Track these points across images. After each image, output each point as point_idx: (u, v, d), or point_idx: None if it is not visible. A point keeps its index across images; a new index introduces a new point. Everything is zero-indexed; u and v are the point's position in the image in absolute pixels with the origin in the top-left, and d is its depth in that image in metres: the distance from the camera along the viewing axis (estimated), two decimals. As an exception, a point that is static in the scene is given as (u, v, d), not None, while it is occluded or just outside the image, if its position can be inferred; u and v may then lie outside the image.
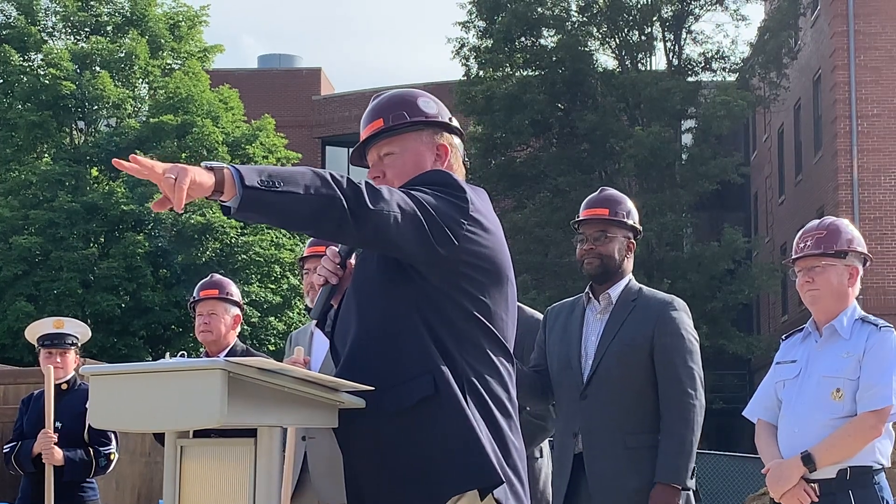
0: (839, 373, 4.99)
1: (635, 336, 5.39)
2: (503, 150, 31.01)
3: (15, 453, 7.54)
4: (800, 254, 5.16)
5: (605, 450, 5.33)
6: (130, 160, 3.15)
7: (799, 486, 4.92)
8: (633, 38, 30.88)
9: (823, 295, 5.11)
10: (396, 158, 3.64)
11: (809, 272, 5.13)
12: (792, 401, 5.09)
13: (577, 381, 5.44)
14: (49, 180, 27.49)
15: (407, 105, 3.67)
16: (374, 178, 3.62)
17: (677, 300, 5.54)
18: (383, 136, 3.65)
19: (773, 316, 37.19)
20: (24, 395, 8.42)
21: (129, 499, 13.91)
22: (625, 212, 5.56)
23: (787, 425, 5.08)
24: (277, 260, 27.64)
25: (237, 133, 28.93)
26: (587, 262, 5.52)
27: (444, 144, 3.69)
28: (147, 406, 3.33)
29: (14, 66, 28.55)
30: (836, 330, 5.08)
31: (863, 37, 29.96)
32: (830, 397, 4.97)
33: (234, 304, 6.69)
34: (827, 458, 4.90)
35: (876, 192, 29.62)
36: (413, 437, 3.43)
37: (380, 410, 3.45)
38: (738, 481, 20.57)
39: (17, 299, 26.02)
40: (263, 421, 3.31)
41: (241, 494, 3.35)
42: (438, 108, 3.71)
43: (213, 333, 6.57)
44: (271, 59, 44.51)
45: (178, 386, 3.25)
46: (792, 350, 5.25)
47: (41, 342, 7.62)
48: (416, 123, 3.65)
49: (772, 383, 5.25)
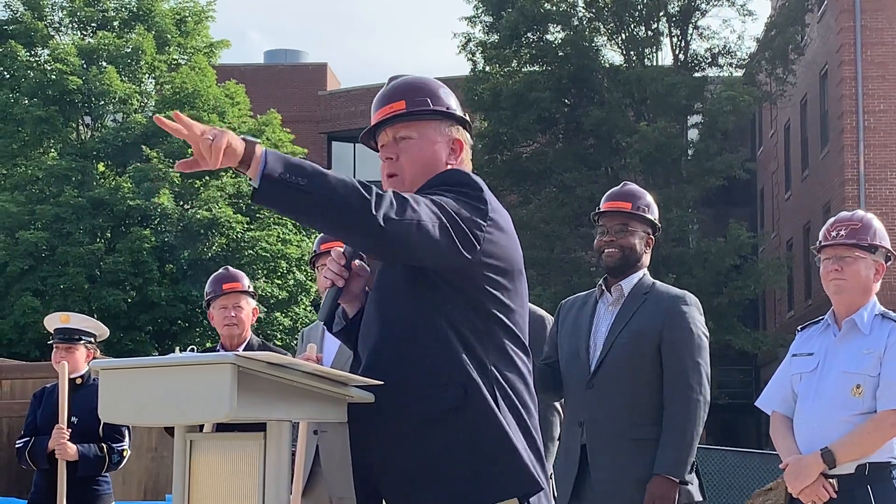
0: (859, 369, 4.93)
1: (644, 328, 5.39)
2: (509, 145, 30.99)
3: (29, 449, 7.54)
4: (832, 241, 5.07)
5: (609, 440, 5.34)
6: (174, 116, 3.17)
7: (818, 481, 4.89)
8: (639, 34, 30.85)
9: (850, 287, 5.04)
10: (413, 144, 3.58)
11: (839, 261, 5.04)
12: (809, 395, 5.03)
13: (583, 371, 5.45)
14: (55, 175, 27.50)
15: (429, 92, 3.62)
16: (386, 158, 3.59)
17: (689, 295, 5.54)
18: (404, 118, 3.60)
19: (779, 311, 37.16)
20: (30, 389, 8.43)
21: (136, 493, 13.92)
22: (645, 206, 5.58)
23: (805, 420, 5.02)
24: (284, 255, 27.64)
25: (243, 128, 28.92)
26: (607, 253, 5.52)
27: (460, 139, 3.64)
28: (157, 400, 3.34)
29: (21, 61, 28.55)
30: (856, 324, 5.02)
31: (869, 32, 29.92)
32: (850, 393, 4.92)
33: (252, 297, 6.64)
34: (847, 455, 4.87)
35: (882, 188, 29.59)
36: (443, 445, 3.40)
37: (405, 416, 3.42)
38: (744, 477, 20.55)
39: (24, 294, 26.04)
40: (273, 415, 3.31)
41: (251, 489, 3.36)
42: (456, 102, 3.69)
43: (238, 327, 6.46)
44: (277, 54, 44.51)
45: (188, 380, 3.26)
46: (809, 342, 5.18)
47: (54, 336, 7.63)
48: (437, 112, 3.62)
49: (787, 375, 5.18)
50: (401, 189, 3.47)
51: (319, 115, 41.65)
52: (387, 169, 3.59)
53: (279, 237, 27.73)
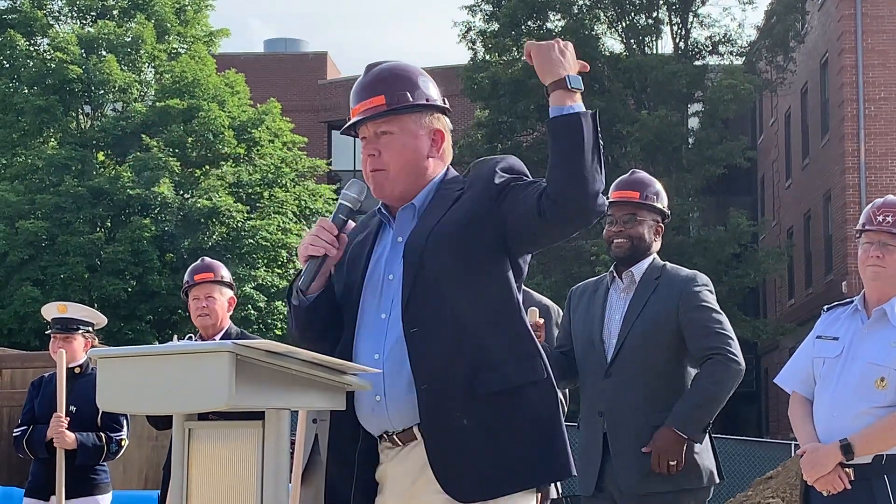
0: (886, 361, 4.82)
1: (660, 313, 5.38)
2: (509, 134, 30.99)
3: (27, 438, 7.54)
4: (876, 227, 4.92)
5: (630, 428, 5.32)
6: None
7: (834, 472, 4.82)
8: (639, 22, 30.83)
9: (888, 275, 4.90)
10: (395, 139, 3.57)
11: (882, 248, 4.90)
12: (832, 382, 4.93)
13: (601, 360, 5.43)
14: (55, 165, 27.50)
15: (409, 83, 3.59)
16: (369, 155, 3.59)
17: (700, 276, 5.52)
18: (384, 114, 3.57)
19: (779, 300, 37.17)
20: (30, 379, 8.41)
21: (137, 482, 13.94)
22: (654, 194, 5.55)
23: (826, 408, 4.93)
24: (284, 244, 27.64)
25: (243, 117, 28.92)
26: (616, 244, 5.49)
27: (441, 129, 3.63)
28: (155, 388, 3.34)
29: (20, 50, 28.54)
30: (887, 314, 4.90)
31: (870, 20, 29.89)
32: (874, 385, 4.82)
33: (228, 287, 6.69)
34: (866, 448, 4.79)
35: (883, 176, 29.58)
36: (504, 420, 3.43)
37: (468, 393, 3.43)
38: (745, 465, 20.58)
39: (24, 284, 26.04)
40: (271, 403, 3.31)
41: (250, 477, 3.35)
42: (435, 89, 3.66)
43: (210, 317, 6.58)
44: (277, 43, 44.50)
45: (187, 368, 3.25)
46: (834, 325, 5.05)
47: (51, 326, 7.63)
48: (416, 106, 3.59)
49: (809, 357, 5.06)
50: (386, 183, 3.55)
51: (319, 104, 41.62)
52: (369, 164, 3.59)
53: (279, 226, 27.73)
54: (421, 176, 3.60)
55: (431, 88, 3.64)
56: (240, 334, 6.65)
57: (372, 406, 3.54)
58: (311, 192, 29.25)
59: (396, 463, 3.55)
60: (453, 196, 3.57)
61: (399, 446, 3.54)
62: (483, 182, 3.56)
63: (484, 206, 3.50)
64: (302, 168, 29.47)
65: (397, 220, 3.62)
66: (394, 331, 3.51)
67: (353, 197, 3.62)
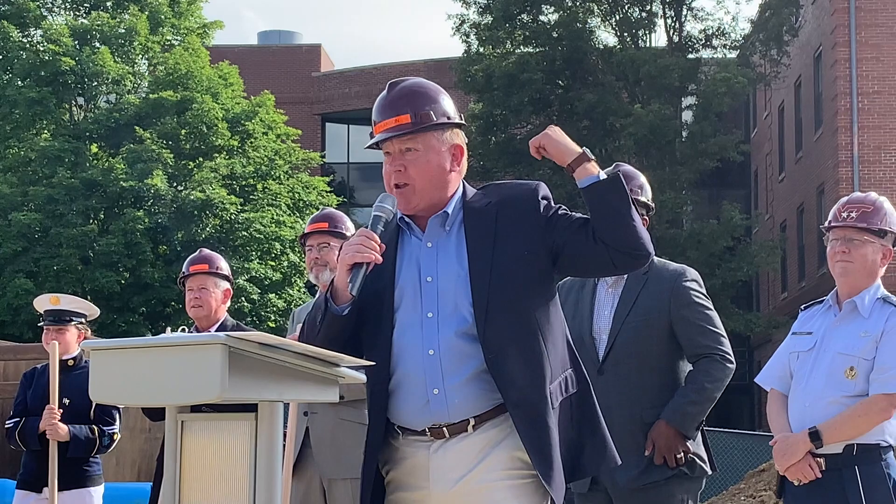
0: (854, 351, 4.92)
1: (651, 309, 5.39)
2: (503, 127, 30.97)
3: (20, 429, 7.53)
4: (842, 223, 5.03)
5: (624, 425, 5.30)
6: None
7: (805, 460, 4.90)
8: (633, 15, 30.81)
9: (855, 269, 5.00)
10: (420, 156, 3.77)
11: (847, 243, 5.01)
12: (804, 374, 5.03)
13: (592, 357, 5.42)
14: (48, 157, 27.45)
15: (431, 102, 3.80)
16: (395, 170, 3.76)
17: (689, 270, 5.54)
18: (410, 132, 3.76)
19: (772, 293, 37.21)
20: (23, 371, 8.41)
21: (130, 475, 13.95)
22: (638, 188, 5.54)
23: (798, 399, 5.03)
24: (278, 237, 27.61)
25: (237, 109, 28.88)
26: None
27: (460, 145, 3.85)
28: (148, 380, 3.34)
29: (13, 42, 28.46)
30: (857, 307, 5.00)
31: (863, 14, 29.91)
32: (843, 375, 4.92)
33: (224, 279, 6.68)
34: (834, 436, 4.87)
35: (876, 170, 29.61)
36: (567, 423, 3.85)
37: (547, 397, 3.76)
38: (738, 458, 20.59)
39: (17, 276, 26.01)
40: (264, 395, 3.32)
41: (242, 468, 3.36)
42: (452, 106, 3.86)
43: (203, 308, 6.57)
44: (271, 35, 44.42)
45: (179, 361, 3.26)
46: (809, 321, 5.17)
47: (44, 318, 7.62)
48: (439, 125, 3.78)
49: (787, 353, 5.18)
50: (413, 197, 3.76)
51: (313, 96, 41.58)
52: (395, 179, 3.77)
53: (273, 219, 27.71)
54: (444, 189, 3.80)
55: (450, 106, 3.86)
56: (235, 326, 6.65)
57: (427, 398, 3.68)
58: (304, 185, 29.22)
59: (441, 454, 3.70)
60: (489, 213, 3.81)
61: (443, 438, 3.69)
62: (529, 211, 3.81)
63: (537, 234, 3.79)
64: (295, 160, 29.45)
65: (429, 227, 3.81)
66: (447, 328, 3.71)
67: (389, 209, 3.78)
